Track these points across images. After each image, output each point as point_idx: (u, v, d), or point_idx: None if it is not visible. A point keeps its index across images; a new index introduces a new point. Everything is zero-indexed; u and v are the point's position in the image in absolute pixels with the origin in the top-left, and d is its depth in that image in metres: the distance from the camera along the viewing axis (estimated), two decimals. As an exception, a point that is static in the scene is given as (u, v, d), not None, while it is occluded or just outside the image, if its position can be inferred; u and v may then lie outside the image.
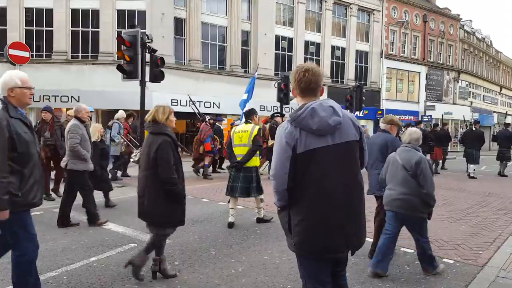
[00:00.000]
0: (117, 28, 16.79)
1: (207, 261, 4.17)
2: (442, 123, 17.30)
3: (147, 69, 8.98)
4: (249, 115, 5.95)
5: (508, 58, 45.01)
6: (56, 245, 4.61)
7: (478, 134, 12.87)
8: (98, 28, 17.16)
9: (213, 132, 10.88)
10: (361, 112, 20.75)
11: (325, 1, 23.65)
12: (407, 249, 4.77)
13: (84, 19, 17.29)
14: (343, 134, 2.19)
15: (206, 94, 18.35)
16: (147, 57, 8.99)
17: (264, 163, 10.95)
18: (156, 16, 17.25)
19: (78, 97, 16.27)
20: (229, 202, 5.84)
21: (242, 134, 5.75)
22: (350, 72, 25.35)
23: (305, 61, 23.19)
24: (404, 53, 28.67)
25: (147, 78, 8.97)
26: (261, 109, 19.92)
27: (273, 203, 2.30)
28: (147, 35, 8.66)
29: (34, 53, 16.22)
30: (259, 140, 5.82)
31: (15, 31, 16.58)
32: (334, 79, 24.77)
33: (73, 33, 17.30)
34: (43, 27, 17.16)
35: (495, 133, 14.98)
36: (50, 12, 16.98)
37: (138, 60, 8.48)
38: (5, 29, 16.73)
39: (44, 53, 17.22)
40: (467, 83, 35.04)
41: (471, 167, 12.48)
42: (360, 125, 2.32)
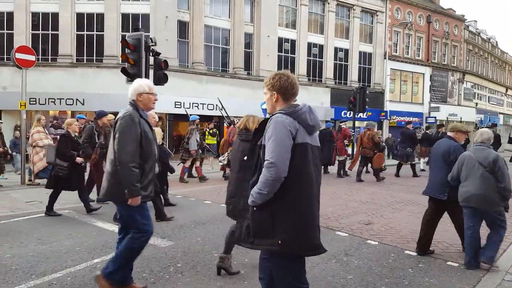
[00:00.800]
0: (122, 32, 16.94)
1: (210, 263, 4.16)
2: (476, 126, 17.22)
3: (151, 72, 9.04)
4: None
5: (514, 59, 44.76)
6: (61, 247, 4.64)
7: (496, 136, 12.88)
8: (103, 32, 17.30)
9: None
10: (365, 114, 20.71)
11: (328, 3, 23.65)
12: (411, 252, 4.75)
13: (89, 23, 17.44)
14: (316, 140, 2.36)
15: (209, 97, 18.39)
16: (151, 60, 9.05)
17: None
18: (160, 20, 17.35)
19: (83, 100, 16.42)
20: None
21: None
22: (354, 74, 25.30)
23: (308, 63, 23.20)
24: (408, 54, 28.56)
25: (151, 81, 9.03)
26: (264, 111, 19.98)
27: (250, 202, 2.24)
28: (151, 38, 8.73)
29: (40, 57, 16.38)
30: None
31: (22, 35, 16.79)
32: (337, 81, 24.72)
33: (78, 37, 17.47)
34: (49, 31, 17.34)
35: (511, 135, 15.16)
36: (56, 16, 17.16)
37: (142, 63, 8.55)
38: (12, 33, 16.96)
39: (50, 57, 17.38)
40: (472, 84, 34.82)
41: None
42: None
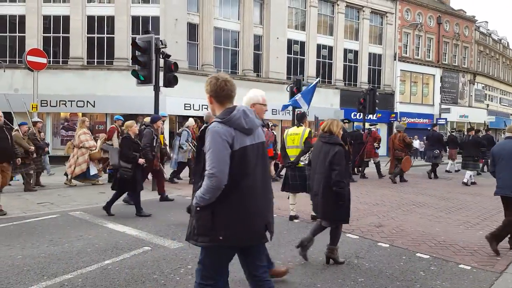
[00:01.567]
0: (132, 34, 17.11)
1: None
2: (487, 128, 16.93)
3: (161, 74, 9.10)
4: (301, 119, 6.49)
5: (526, 60, 44.00)
6: (72, 248, 4.69)
7: None
8: (113, 34, 17.48)
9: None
10: (375, 115, 20.51)
11: (338, 4, 23.59)
12: (423, 255, 4.70)
13: (100, 26, 17.66)
14: (259, 135, 2.50)
15: (219, 98, 18.50)
16: (161, 62, 9.12)
17: None
18: (170, 22, 17.49)
19: (94, 102, 16.62)
20: (289, 198, 6.35)
21: (294, 137, 6.24)
22: (363, 75, 25.15)
23: (318, 65, 23.14)
24: (418, 56, 28.31)
25: (161, 83, 9.09)
26: (273, 113, 19.94)
27: (196, 203, 2.35)
28: (161, 41, 8.79)
29: (51, 59, 16.64)
30: (310, 142, 6.30)
31: (33, 38, 17.07)
32: (347, 82, 24.62)
33: (89, 39, 17.69)
34: (60, 34, 17.59)
35: None
36: (67, 19, 17.41)
37: (152, 66, 8.60)
38: (24, 36, 17.25)
39: (61, 59, 17.63)
40: (483, 86, 34.38)
41: None
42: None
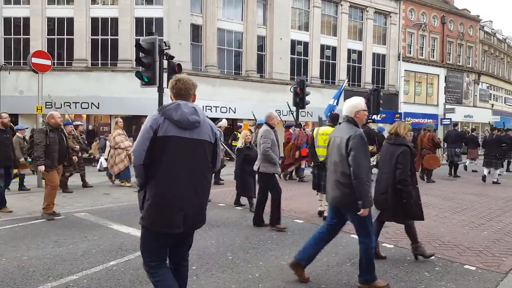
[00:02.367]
0: (136, 36, 17.18)
1: (224, 266, 4.18)
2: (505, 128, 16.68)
3: (165, 76, 9.14)
4: (335, 120, 6.77)
5: (531, 59, 43.66)
6: (77, 249, 4.71)
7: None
8: (117, 36, 17.57)
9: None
10: (379, 116, 20.46)
11: (341, 5, 23.56)
12: (427, 256, 4.68)
13: (104, 27, 17.76)
14: (200, 133, 2.62)
15: (222, 99, 18.50)
16: (165, 64, 9.15)
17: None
18: (173, 23, 17.56)
19: (98, 104, 16.70)
20: (317, 195, 6.69)
21: (327, 137, 6.29)
22: (367, 75, 25.10)
23: (321, 65, 23.12)
24: (422, 56, 28.21)
25: (165, 85, 9.13)
26: (277, 114, 19.93)
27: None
28: (165, 42, 8.82)
29: (55, 61, 16.69)
30: None
31: (38, 40, 17.19)
32: (351, 83, 24.53)
33: (93, 41, 17.78)
34: (64, 36, 17.70)
35: None
36: (71, 21, 17.51)
37: (156, 67, 8.64)
38: (28, 38, 17.38)
39: (65, 61, 17.74)
40: (488, 85, 34.18)
41: None
42: (218, 133, 2.79)
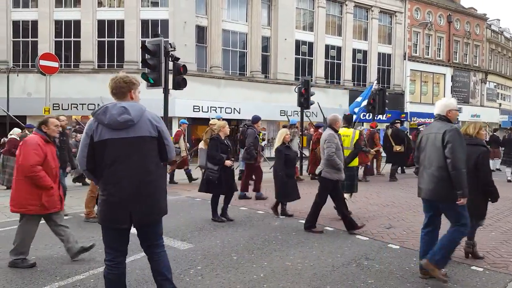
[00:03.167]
0: (141, 38, 17.33)
1: (229, 266, 4.19)
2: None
3: (170, 77, 9.19)
4: (350, 121, 6.92)
5: (540, 58, 43.14)
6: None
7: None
8: (123, 38, 17.72)
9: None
10: (384, 116, 20.37)
11: (346, 5, 23.49)
12: (433, 256, 4.65)
13: (110, 30, 17.94)
14: (138, 131, 2.70)
15: (227, 100, 18.55)
16: (170, 65, 9.20)
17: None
18: (179, 25, 17.65)
19: (104, 105, 16.81)
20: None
21: (345, 138, 6.42)
22: (372, 75, 24.95)
23: (326, 66, 23.06)
24: (428, 55, 28.01)
25: (170, 86, 9.18)
26: (282, 114, 19.92)
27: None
28: (170, 44, 8.87)
29: (63, 63, 16.90)
30: (361, 144, 7.03)
31: (46, 43, 17.40)
32: (356, 83, 24.48)
33: (99, 43, 17.96)
34: (71, 38, 17.91)
35: None
36: (78, 24, 17.71)
37: (162, 68, 8.69)
38: (36, 41, 17.60)
39: (72, 63, 17.95)
40: (495, 84, 33.84)
41: None
42: (160, 125, 2.81)
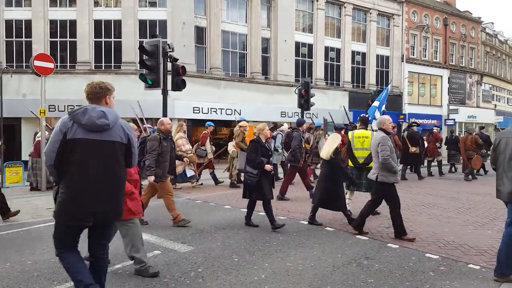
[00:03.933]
0: (139, 38, 17.22)
1: (230, 268, 4.19)
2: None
3: (169, 78, 9.19)
4: (366, 123, 7.05)
5: (534, 60, 43.48)
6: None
7: (486, 138, 13.98)
8: (121, 38, 17.59)
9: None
10: (382, 117, 20.50)
11: (345, 7, 23.59)
12: (432, 255, 4.71)
13: (107, 30, 17.75)
14: (111, 135, 2.86)
15: (227, 101, 18.55)
16: (170, 66, 9.19)
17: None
18: (177, 25, 17.61)
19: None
20: (347, 194, 6.84)
21: (364, 139, 6.67)
22: (371, 77, 25.09)
23: (326, 67, 23.12)
24: (426, 57, 28.16)
25: (169, 87, 9.18)
26: (282, 115, 19.98)
27: None
28: (168, 44, 8.87)
29: (59, 64, 16.67)
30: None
31: (40, 43, 17.16)
32: (355, 84, 24.56)
33: (96, 44, 17.78)
34: (67, 38, 17.66)
35: None
36: (74, 24, 17.47)
37: (160, 69, 8.68)
38: (31, 41, 17.32)
39: (68, 64, 17.70)
40: (491, 86, 34.09)
41: None
42: (130, 134, 3.00)
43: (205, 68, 19.04)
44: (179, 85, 9.16)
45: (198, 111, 17.53)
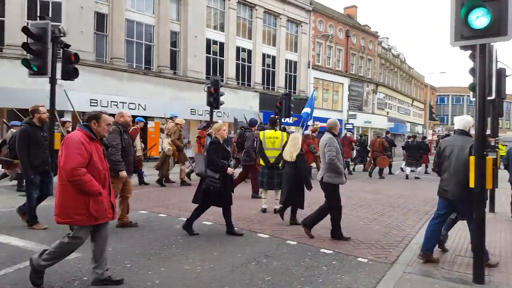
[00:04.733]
0: (28, 19, 15.17)
1: (121, 274, 3.81)
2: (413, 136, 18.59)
3: (59, 65, 8.18)
4: (275, 123, 7.38)
5: (419, 74, 50.26)
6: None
7: (390, 141, 16.08)
8: (4, 18, 15.32)
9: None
10: (291, 119, 21.46)
11: (256, 10, 24.08)
12: (327, 250, 4.91)
13: (-14, 7, 15.31)
14: None
15: (131, 95, 17.40)
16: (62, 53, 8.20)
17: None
18: (74, 9, 15.94)
19: (-21, 94, 14.39)
20: (262, 193, 7.27)
21: (274, 140, 7.06)
22: (280, 80, 26.09)
23: (237, 67, 23.28)
24: (329, 65, 30.36)
25: (58, 75, 8.16)
26: (192, 113, 19.55)
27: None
28: (59, 29, 7.87)
29: None
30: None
31: None
32: (266, 86, 25.27)
33: (-27, 22, 15.24)
34: None
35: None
36: None
37: (48, 55, 7.67)
38: None
39: None
40: (384, 95, 38.31)
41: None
42: None
43: (106, 58, 17.55)
44: (71, 74, 8.17)
45: (96, 104, 16.08)
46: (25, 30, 7.62)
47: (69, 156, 3.30)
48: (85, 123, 3.57)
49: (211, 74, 19.95)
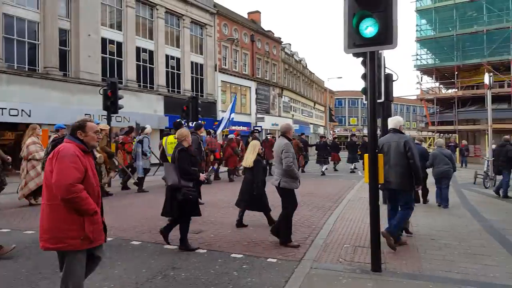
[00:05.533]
0: None
1: None
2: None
3: None
4: (180, 127, 7.32)
5: (319, 79, 54.33)
6: None
7: (304, 142, 18.09)
8: None
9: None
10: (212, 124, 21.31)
11: (157, 9, 23.14)
12: (237, 255, 4.82)
13: None
14: None
15: (12, 99, 15.16)
16: None
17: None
18: None
19: None
20: None
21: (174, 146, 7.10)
22: (187, 83, 25.50)
23: (138, 68, 22.00)
24: (236, 69, 30.81)
25: None
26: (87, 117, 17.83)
27: None
28: None
29: None
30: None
31: None
32: (171, 89, 24.42)
33: None
34: None
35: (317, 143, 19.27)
36: None
37: None
38: None
39: None
40: (289, 99, 40.46)
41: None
42: None
43: (-20, 57, 15.06)
44: None
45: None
46: None
47: (64, 171, 2.81)
48: (73, 135, 3.02)
49: (108, 76, 18.42)
